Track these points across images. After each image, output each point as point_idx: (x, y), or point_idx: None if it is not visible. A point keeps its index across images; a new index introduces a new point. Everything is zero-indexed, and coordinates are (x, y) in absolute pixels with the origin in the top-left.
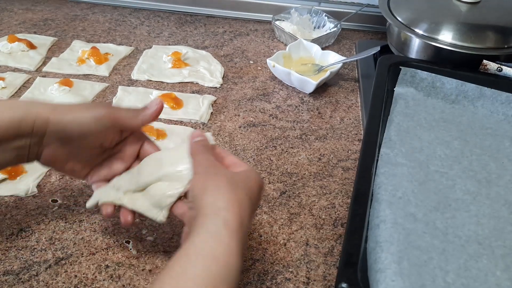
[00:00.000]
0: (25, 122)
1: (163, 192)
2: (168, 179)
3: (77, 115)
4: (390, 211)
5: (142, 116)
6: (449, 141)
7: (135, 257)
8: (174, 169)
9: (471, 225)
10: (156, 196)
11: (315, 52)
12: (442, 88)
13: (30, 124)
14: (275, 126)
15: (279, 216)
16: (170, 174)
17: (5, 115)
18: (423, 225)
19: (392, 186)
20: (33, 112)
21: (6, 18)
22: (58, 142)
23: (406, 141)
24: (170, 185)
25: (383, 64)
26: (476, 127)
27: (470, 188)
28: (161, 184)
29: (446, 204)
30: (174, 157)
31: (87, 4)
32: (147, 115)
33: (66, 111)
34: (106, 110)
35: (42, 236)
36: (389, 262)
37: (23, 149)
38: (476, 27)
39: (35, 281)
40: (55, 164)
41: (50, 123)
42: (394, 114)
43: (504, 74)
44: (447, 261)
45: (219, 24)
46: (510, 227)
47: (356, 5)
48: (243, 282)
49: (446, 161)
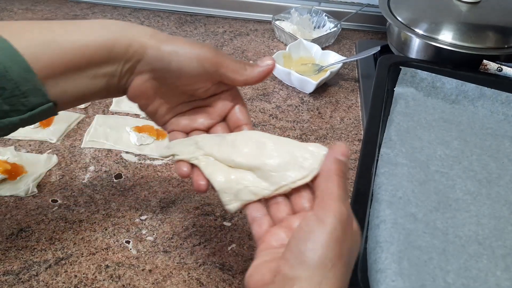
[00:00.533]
0: (119, 44)
1: (248, 184)
2: (261, 175)
3: (179, 48)
4: (390, 211)
5: (249, 72)
6: (449, 141)
7: (135, 257)
8: (275, 169)
9: (472, 225)
10: (239, 185)
11: (315, 52)
12: (442, 88)
13: (123, 47)
14: (275, 126)
15: None
16: (266, 171)
17: (95, 35)
18: (423, 225)
19: (392, 186)
20: (128, 35)
21: (6, 18)
22: (151, 74)
23: (406, 141)
24: (258, 182)
25: (383, 64)
26: (476, 127)
27: (470, 188)
28: (250, 175)
29: (447, 204)
30: (280, 153)
31: (87, 4)
32: (254, 72)
33: (167, 40)
34: (211, 53)
35: (42, 236)
36: (389, 262)
37: (113, 77)
38: (476, 27)
39: (35, 281)
40: (141, 99)
41: (148, 48)
42: (394, 114)
43: (504, 74)
44: (447, 261)
45: (219, 24)
46: (510, 227)
47: (356, 5)
48: (243, 282)
49: (446, 161)
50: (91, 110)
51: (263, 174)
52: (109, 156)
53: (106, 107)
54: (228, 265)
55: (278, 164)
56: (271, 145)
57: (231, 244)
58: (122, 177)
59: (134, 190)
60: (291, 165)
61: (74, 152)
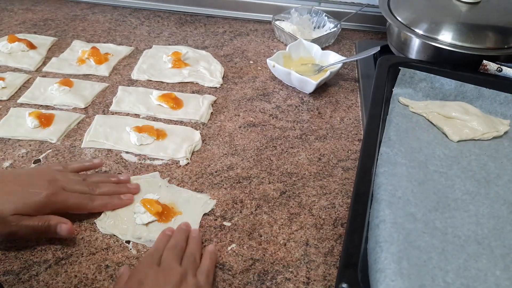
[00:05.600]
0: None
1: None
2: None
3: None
4: (390, 211)
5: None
6: (448, 141)
7: (135, 257)
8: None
9: (471, 225)
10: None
11: (315, 52)
12: (441, 89)
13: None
14: (275, 126)
15: (279, 216)
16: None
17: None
18: (423, 225)
19: (392, 186)
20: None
21: (6, 18)
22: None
23: (405, 141)
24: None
25: (383, 64)
26: None
27: (469, 188)
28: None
29: (446, 204)
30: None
31: (87, 4)
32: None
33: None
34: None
35: (42, 236)
36: (389, 262)
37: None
38: (476, 27)
39: (35, 281)
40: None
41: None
42: (393, 115)
43: (504, 75)
44: (446, 261)
45: (219, 24)
46: (509, 226)
47: (356, 5)
48: (243, 282)
49: (445, 161)
50: (91, 110)
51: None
52: (109, 156)
53: (106, 107)
54: (228, 265)
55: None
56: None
57: (231, 244)
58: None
59: None
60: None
61: (74, 152)
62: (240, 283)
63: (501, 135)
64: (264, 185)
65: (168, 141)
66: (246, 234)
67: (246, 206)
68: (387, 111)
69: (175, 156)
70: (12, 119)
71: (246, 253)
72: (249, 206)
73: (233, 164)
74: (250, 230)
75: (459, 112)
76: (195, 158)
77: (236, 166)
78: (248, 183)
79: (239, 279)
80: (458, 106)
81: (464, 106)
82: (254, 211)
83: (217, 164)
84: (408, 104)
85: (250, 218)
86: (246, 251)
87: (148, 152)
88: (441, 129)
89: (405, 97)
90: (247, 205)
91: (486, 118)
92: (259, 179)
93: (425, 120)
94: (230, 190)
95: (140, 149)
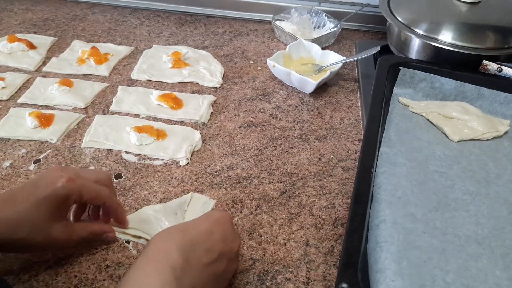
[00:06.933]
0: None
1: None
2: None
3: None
4: (390, 211)
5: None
6: (448, 141)
7: (135, 257)
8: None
9: (471, 225)
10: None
11: (315, 52)
12: (441, 89)
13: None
14: (275, 126)
15: (279, 216)
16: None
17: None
18: (423, 225)
19: (392, 186)
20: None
21: (6, 18)
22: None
23: (405, 141)
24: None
25: (383, 64)
26: None
27: (469, 188)
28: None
29: (446, 204)
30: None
31: (87, 4)
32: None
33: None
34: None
35: None
36: (389, 262)
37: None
38: (476, 27)
39: (35, 281)
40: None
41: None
42: (393, 115)
43: (504, 75)
44: (446, 261)
45: (219, 24)
46: (509, 226)
47: (356, 5)
48: (243, 282)
49: (445, 161)
50: (91, 110)
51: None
52: (109, 156)
53: (106, 107)
54: None
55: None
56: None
57: None
58: (122, 177)
59: (134, 190)
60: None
61: (74, 152)
62: (240, 283)
63: (501, 135)
64: (264, 185)
65: (168, 141)
66: (246, 234)
67: (246, 206)
68: (387, 111)
69: (175, 156)
70: (12, 119)
71: (246, 253)
72: (249, 206)
73: (233, 164)
74: (250, 230)
75: (459, 112)
76: (195, 158)
77: (236, 166)
78: (248, 183)
79: (239, 279)
80: (458, 106)
81: (464, 106)
82: (254, 211)
83: (217, 164)
84: (408, 104)
85: (250, 218)
86: (246, 251)
87: (148, 152)
88: (441, 129)
89: (405, 97)
90: (247, 205)
91: (486, 118)
92: (259, 179)
93: (425, 120)
94: (230, 190)
95: (140, 149)
